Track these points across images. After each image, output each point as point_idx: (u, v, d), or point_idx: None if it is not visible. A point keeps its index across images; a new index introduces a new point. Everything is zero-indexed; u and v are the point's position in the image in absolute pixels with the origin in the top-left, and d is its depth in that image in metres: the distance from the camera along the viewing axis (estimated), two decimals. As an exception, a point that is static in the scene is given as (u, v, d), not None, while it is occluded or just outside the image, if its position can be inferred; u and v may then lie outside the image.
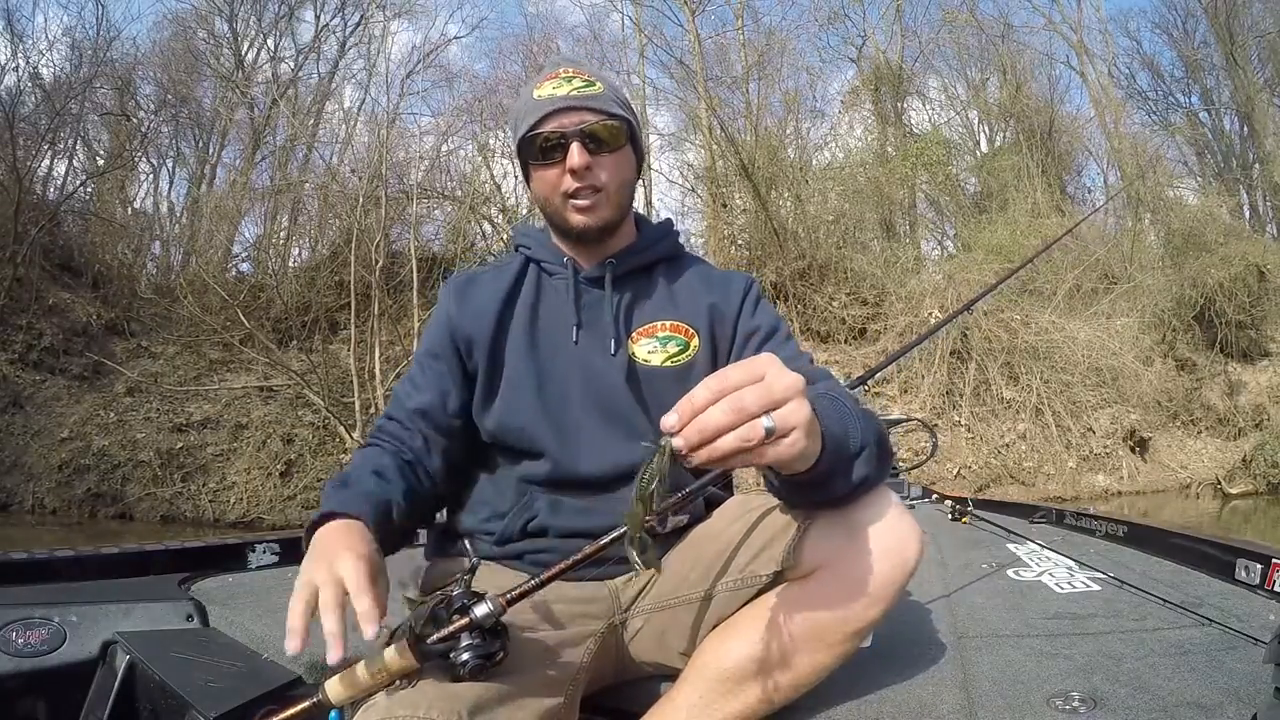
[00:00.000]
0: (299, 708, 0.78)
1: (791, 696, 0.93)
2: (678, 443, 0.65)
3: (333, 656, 0.71)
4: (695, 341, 1.11)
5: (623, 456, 1.03)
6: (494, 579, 0.99)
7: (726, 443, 0.65)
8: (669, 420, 0.66)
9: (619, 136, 1.09)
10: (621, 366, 1.08)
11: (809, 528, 0.91)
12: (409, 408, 1.10)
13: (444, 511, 1.18)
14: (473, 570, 0.84)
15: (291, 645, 0.72)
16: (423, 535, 1.22)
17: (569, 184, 1.07)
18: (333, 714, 1.02)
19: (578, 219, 1.08)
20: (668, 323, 1.12)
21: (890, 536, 0.87)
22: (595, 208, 1.08)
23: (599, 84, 1.08)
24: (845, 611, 0.88)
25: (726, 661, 0.92)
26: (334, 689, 0.78)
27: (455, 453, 1.12)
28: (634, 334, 1.11)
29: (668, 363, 1.10)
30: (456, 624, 0.77)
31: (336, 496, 0.92)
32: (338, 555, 0.78)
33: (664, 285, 1.16)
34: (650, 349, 1.10)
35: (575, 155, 1.04)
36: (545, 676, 0.89)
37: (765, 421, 0.65)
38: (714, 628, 0.98)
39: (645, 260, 1.16)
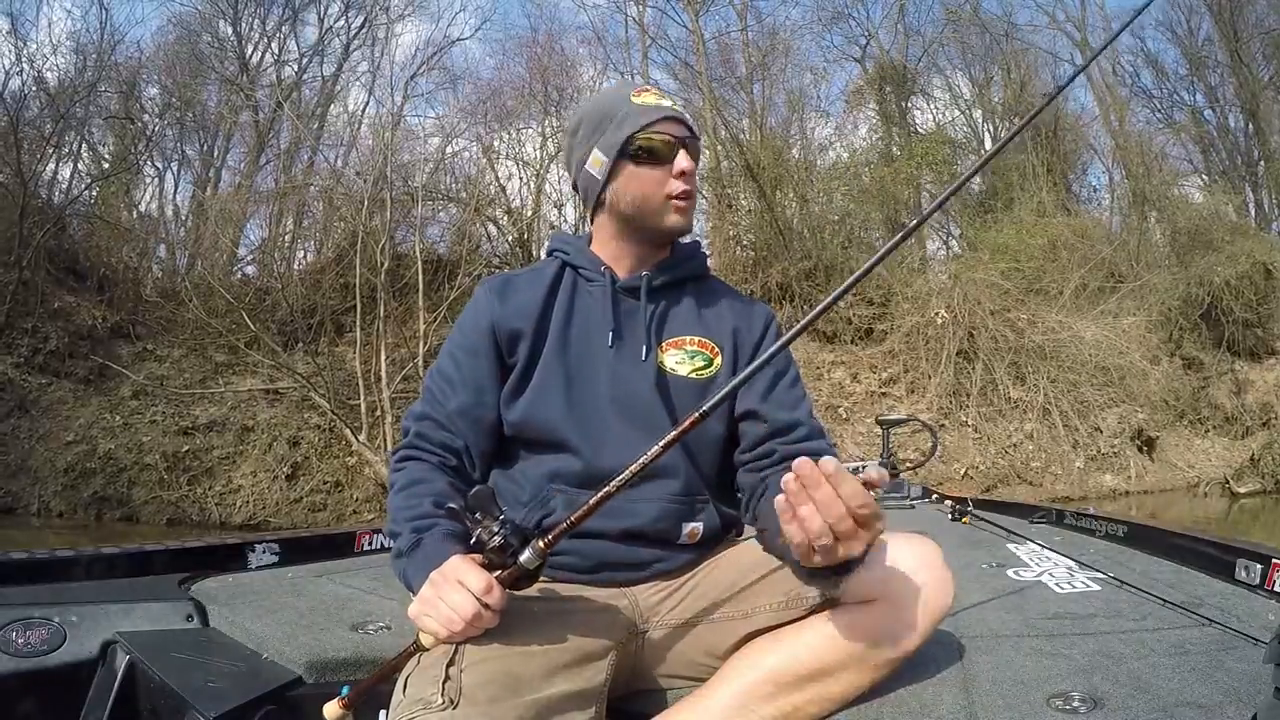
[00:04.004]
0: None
1: (822, 711, 0.97)
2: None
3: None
4: (719, 360, 1.17)
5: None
6: None
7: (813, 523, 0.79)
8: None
9: (699, 157, 1.19)
10: (650, 372, 1.13)
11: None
12: (449, 408, 1.12)
13: None
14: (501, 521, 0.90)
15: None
16: None
17: (676, 186, 1.13)
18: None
19: (675, 219, 1.15)
20: (695, 338, 1.17)
21: (934, 580, 0.97)
22: (689, 211, 1.17)
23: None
24: (891, 639, 0.96)
25: (775, 667, 0.97)
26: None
27: (490, 452, 1.15)
28: (664, 344, 1.16)
29: (693, 375, 1.15)
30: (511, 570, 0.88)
31: (428, 553, 0.93)
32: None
33: (693, 303, 1.21)
34: (678, 360, 1.16)
35: (686, 160, 1.13)
36: (574, 696, 0.91)
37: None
38: (747, 641, 1.02)
39: (677, 276, 1.22)
